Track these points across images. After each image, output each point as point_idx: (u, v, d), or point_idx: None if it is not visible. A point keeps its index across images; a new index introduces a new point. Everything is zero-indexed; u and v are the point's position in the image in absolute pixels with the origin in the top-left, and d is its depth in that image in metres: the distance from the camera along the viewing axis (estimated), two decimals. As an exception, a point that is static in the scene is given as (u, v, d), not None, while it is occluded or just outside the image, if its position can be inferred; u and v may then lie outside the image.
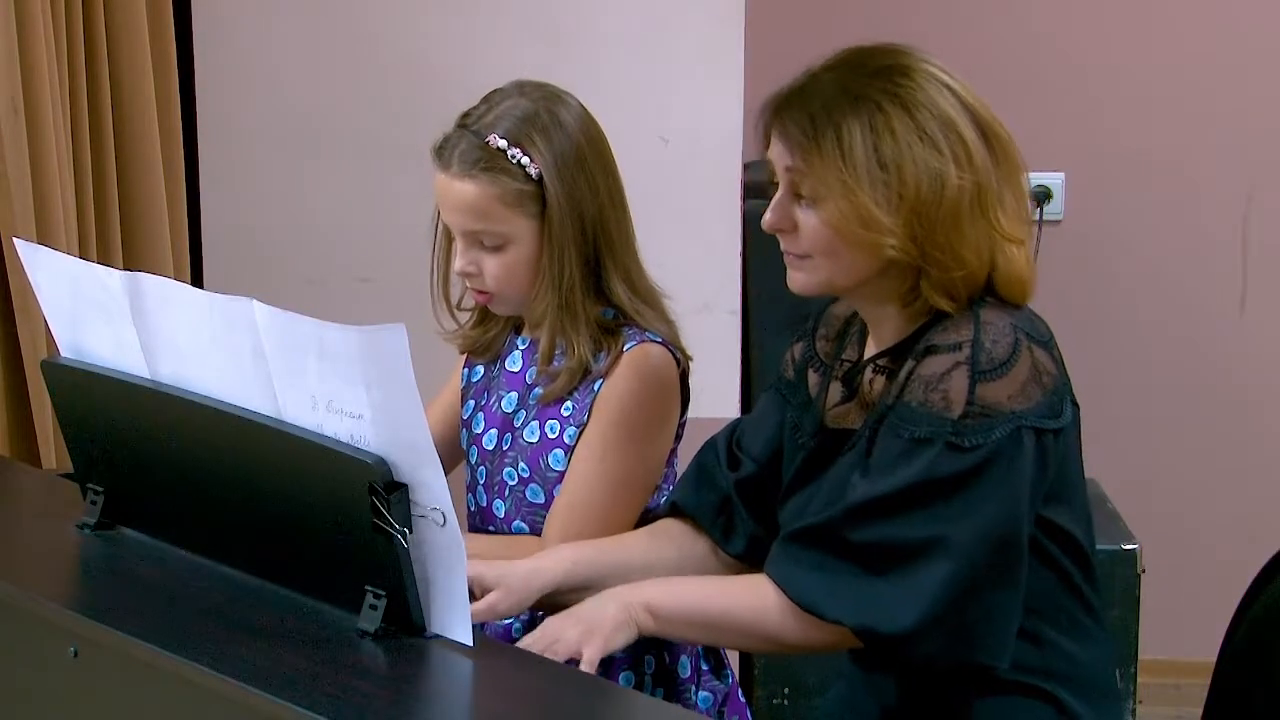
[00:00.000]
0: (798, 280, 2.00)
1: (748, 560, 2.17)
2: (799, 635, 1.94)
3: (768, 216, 1.99)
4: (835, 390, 2.08)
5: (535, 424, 2.26)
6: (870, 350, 2.05)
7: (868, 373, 2.02)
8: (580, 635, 1.91)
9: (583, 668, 1.87)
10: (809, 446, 2.07)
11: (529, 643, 1.92)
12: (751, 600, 1.95)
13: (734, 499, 2.16)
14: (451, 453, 2.37)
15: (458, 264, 2.25)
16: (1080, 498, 2.01)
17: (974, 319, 1.92)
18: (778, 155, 1.97)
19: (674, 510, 2.20)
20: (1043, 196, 3.97)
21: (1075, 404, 1.97)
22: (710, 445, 2.22)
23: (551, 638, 1.91)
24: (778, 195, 1.98)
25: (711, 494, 2.18)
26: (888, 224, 1.90)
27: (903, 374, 1.94)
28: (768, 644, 1.99)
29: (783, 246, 2.00)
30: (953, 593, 1.86)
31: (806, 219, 1.95)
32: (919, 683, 1.99)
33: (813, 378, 2.13)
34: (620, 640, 1.94)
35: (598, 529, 2.20)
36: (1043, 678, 1.98)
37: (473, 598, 1.98)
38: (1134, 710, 3.45)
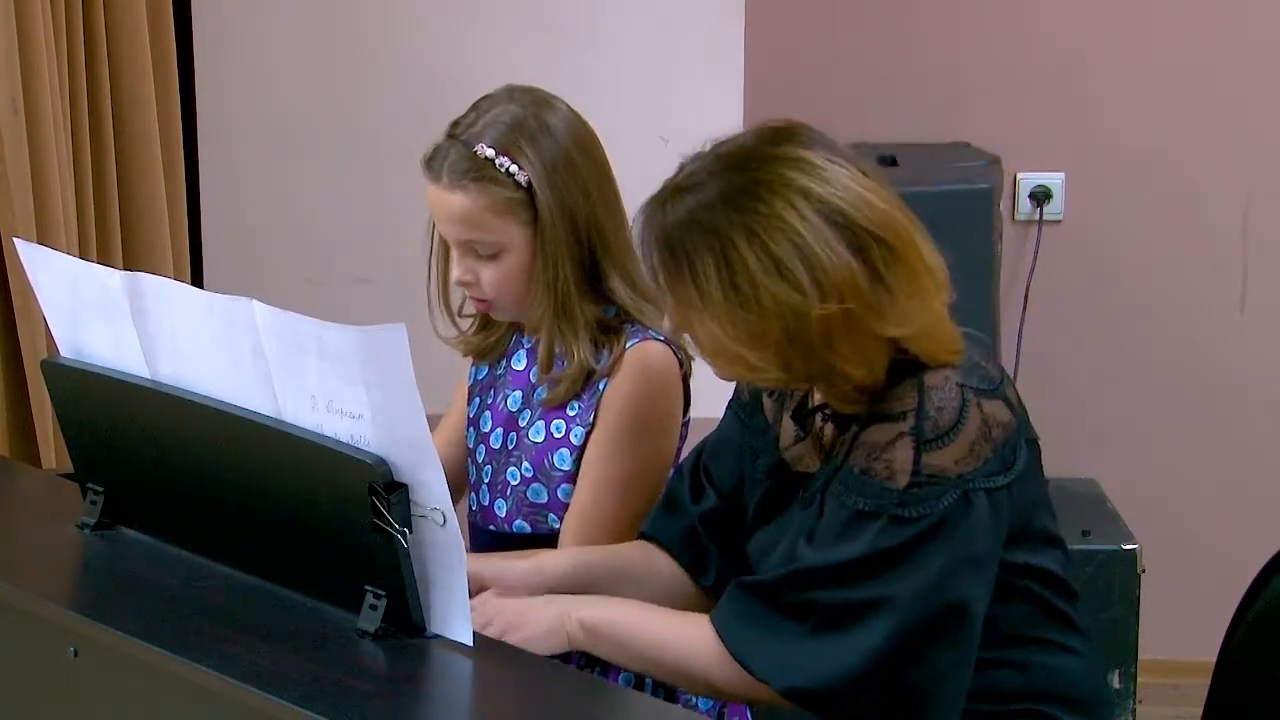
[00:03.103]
0: (717, 373, 1.96)
1: (720, 593, 2.12)
2: (728, 683, 1.91)
3: (667, 323, 1.95)
4: (788, 426, 2.04)
5: (541, 424, 2.26)
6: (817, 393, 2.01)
7: (818, 418, 1.98)
8: (505, 626, 1.91)
9: None
10: (764, 485, 2.04)
11: None
12: (688, 639, 1.93)
13: (699, 531, 2.14)
14: (461, 473, 2.37)
15: (455, 274, 2.24)
16: (1043, 528, 1.97)
17: (918, 385, 1.87)
18: (648, 272, 1.93)
19: (646, 539, 2.18)
20: (1043, 196, 3.97)
21: (1031, 441, 1.92)
22: (678, 472, 2.19)
23: (484, 618, 1.91)
24: (669, 304, 1.93)
25: (679, 522, 2.15)
26: (753, 359, 1.86)
27: (848, 435, 1.91)
28: (695, 686, 1.97)
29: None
30: (889, 650, 1.83)
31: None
32: None
33: (767, 402, 2.09)
34: (546, 645, 1.93)
35: (611, 530, 2.20)
36: (1033, 700, 1.96)
37: (470, 596, 1.99)
38: (1134, 710, 3.45)
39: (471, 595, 1.97)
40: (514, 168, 2.18)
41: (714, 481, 2.14)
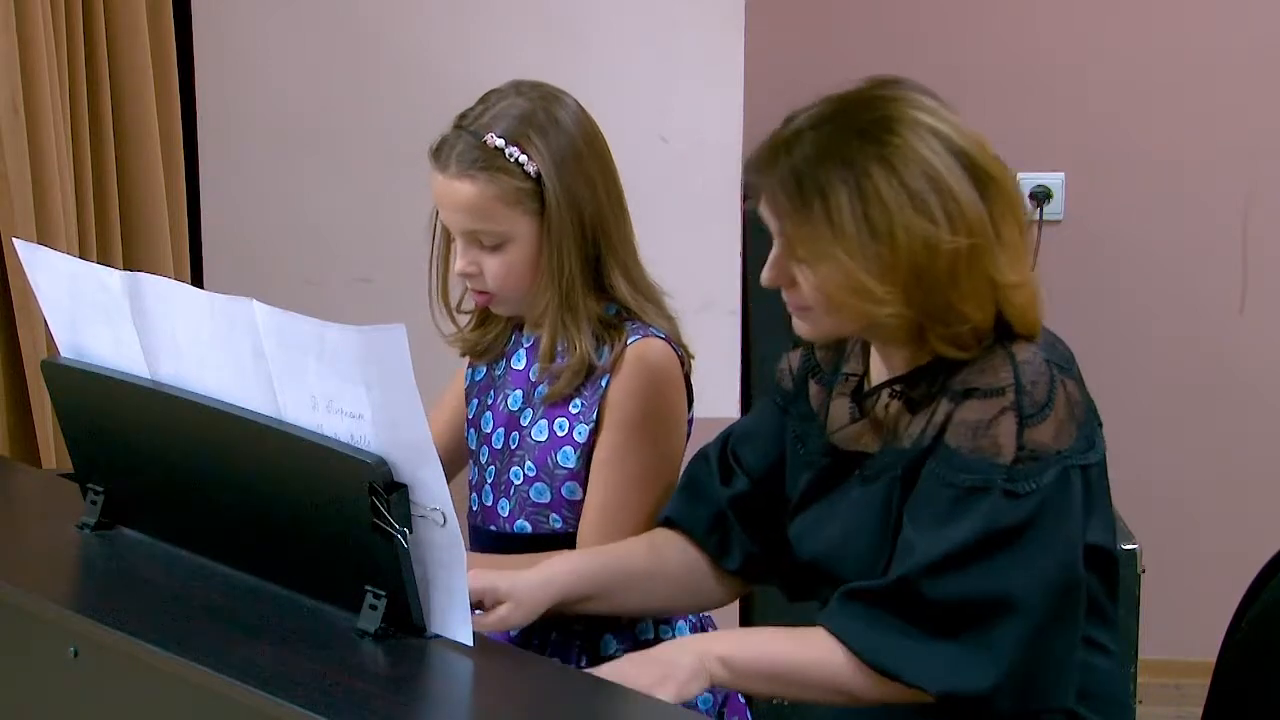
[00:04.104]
0: (803, 329, 1.98)
1: (745, 576, 2.16)
2: (875, 693, 1.90)
3: (766, 274, 1.95)
4: (842, 407, 2.05)
5: (544, 422, 2.26)
6: (877, 368, 2.03)
7: (883, 396, 2.00)
8: (655, 681, 1.88)
9: None
10: (818, 466, 2.05)
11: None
12: (826, 656, 1.91)
13: (728, 514, 2.14)
14: (455, 459, 2.37)
15: (458, 265, 2.25)
16: (1109, 510, 2.00)
17: (1010, 359, 1.89)
18: (767, 216, 1.93)
19: (668, 524, 2.18)
20: (1043, 196, 3.97)
21: (1100, 423, 1.95)
22: (701, 456, 2.19)
23: (621, 677, 1.87)
24: (774, 253, 1.94)
25: (704, 508, 2.16)
26: (881, 292, 1.87)
27: (939, 415, 1.91)
28: (843, 699, 1.94)
29: (785, 298, 1.97)
30: (1024, 648, 1.85)
31: (804, 277, 1.91)
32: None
33: (814, 389, 2.10)
34: (693, 690, 1.90)
35: (630, 530, 2.20)
36: None
37: (484, 609, 1.99)
38: (1134, 710, 3.45)
39: (486, 608, 1.98)
40: (523, 158, 2.19)
41: (743, 466, 2.14)
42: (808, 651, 1.93)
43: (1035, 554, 1.85)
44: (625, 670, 1.90)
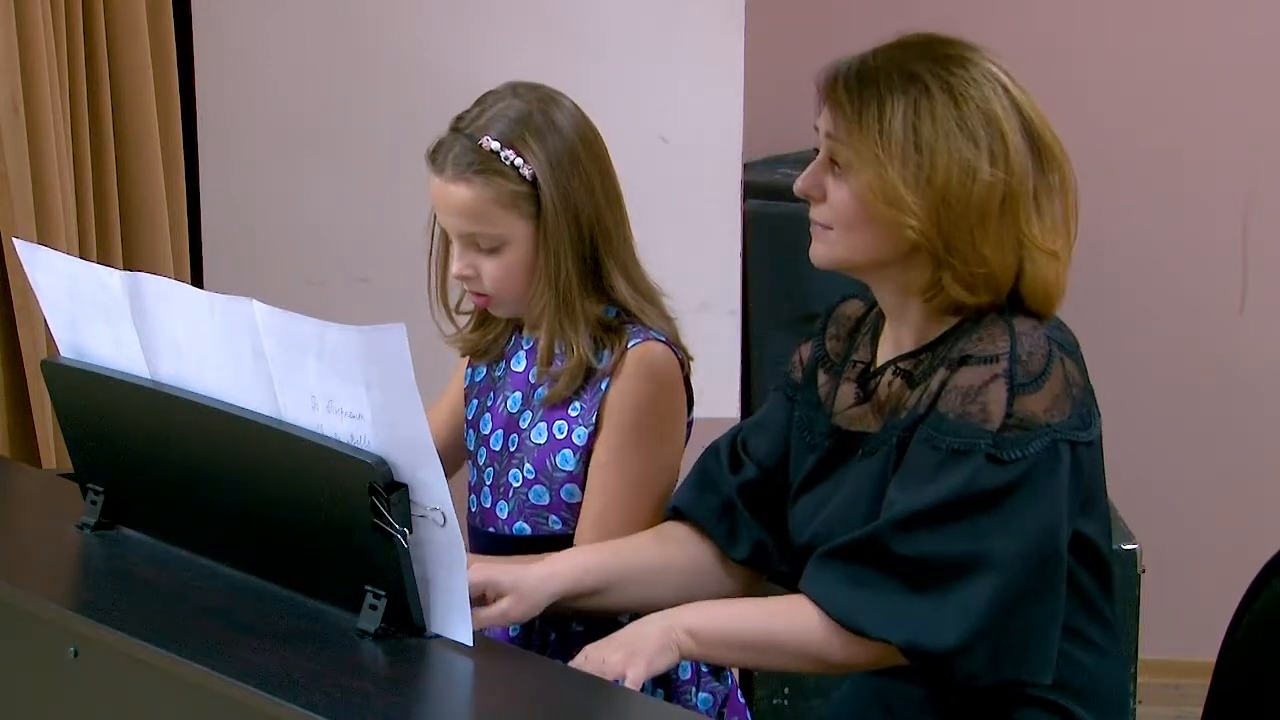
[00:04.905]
0: (818, 252, 2.00)
1: (753, 565, 2.17)
2: (843, 654, 1.91)
3: (799, 181, 1.99)
4: (848, 392, 2.07)
5: (543, 425, 2.26)
6: (885, 351, 2.05)
7: (886, 375, 2.01)
8: (624, 658, 1.89)
9: (626, 686, 1.86)
10: (823, 448, 2.06)
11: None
12: (793, 620, 1.92)
13: (736, 503, 2.15)
14: (453, 456, 2.37)
15: (455, 267, 2.25)
16: (1104, 507, 2.00)
17: (1008, 329, 1.91)
18: (823, 121, 1.99)
19: (677, 514, 2.19)
20: (1042, 196, 3.97)
21: (1099, 412, 1.96)
22: (713, 449, 2.21)
23: (595, 663, 1.89)
24: (814, 161, 1.99)
25: (713, 497, 2.17)
26: (911, 204, 1.90)
27: (934, 383, 1.93)
28: (812, 664, 1.95)
29: (810, 214, 2.00)
30: (995, 609, 1.85)
31: (836, 188, 1.96)
32: (927, 692, 1.98)
33: (822, 378, 2.12)
34: (663, 663, 1.91)
35: (628, 534, 2.20)
36: (1054, 691, 1.96)
37: (486, 602, 1.99)
38: (1134, 710, 3.45)
39: (488, 603, 1.97)
40: (519, 161, 2.19)
41: (752, 456, 2.16)
42: (777, 619, 1.94)
43: (1014, 519, 1.86)
44: (593, 653, 1.91)
